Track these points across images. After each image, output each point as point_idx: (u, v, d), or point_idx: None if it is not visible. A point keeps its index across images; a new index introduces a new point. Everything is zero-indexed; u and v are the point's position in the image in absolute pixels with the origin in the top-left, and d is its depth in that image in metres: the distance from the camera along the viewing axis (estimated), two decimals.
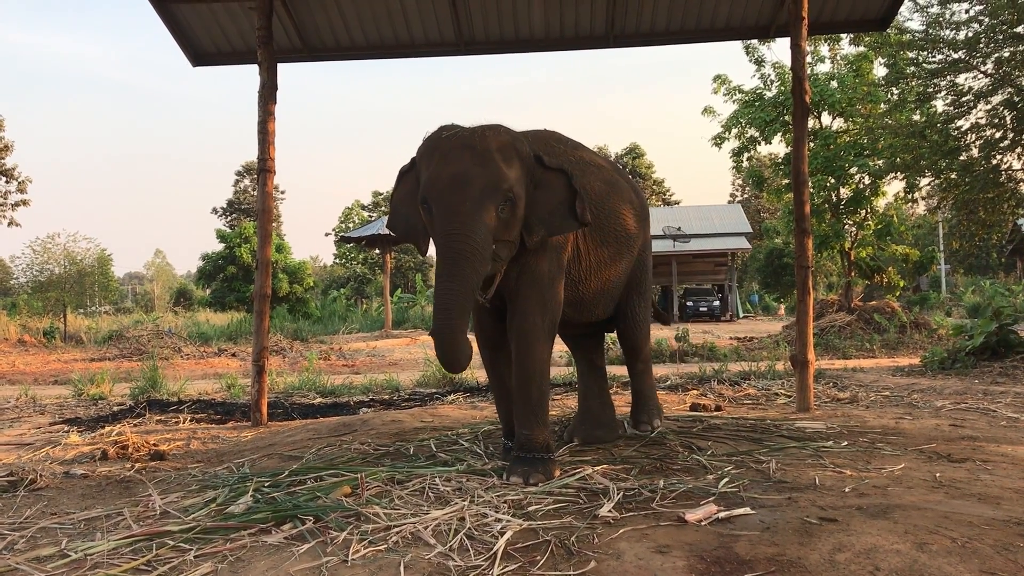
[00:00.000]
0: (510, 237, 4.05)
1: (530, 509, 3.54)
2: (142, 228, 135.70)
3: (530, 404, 4.25)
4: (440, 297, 3.79)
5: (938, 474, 4.07)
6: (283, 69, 7.66)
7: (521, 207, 4.06)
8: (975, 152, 12.73)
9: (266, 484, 4.12)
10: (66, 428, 6.94)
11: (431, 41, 8.21)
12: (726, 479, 3.97)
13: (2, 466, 5.08)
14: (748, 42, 17.95)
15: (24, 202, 33.48)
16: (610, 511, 3.45)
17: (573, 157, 4.82)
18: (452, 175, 3.88)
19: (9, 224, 32.77)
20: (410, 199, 4.28)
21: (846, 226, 18.24)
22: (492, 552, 2.95)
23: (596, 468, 4.28)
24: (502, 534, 3.14)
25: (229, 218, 54.46)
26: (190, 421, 7.30)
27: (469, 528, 3.23)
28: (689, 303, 32.79)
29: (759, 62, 18.35)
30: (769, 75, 18.40)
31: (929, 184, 14.63)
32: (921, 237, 32.56)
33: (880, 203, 18.26)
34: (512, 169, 4.01)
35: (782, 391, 8.19)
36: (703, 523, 3.24)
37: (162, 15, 7.75)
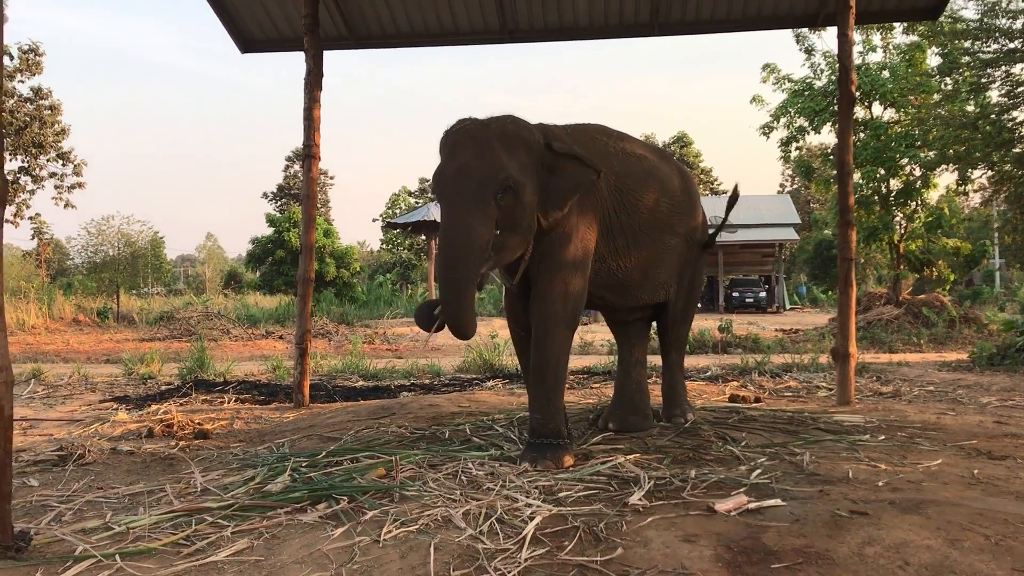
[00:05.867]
0: (520, 225, 4.12)
1: (560, 495, 3.57)
2: (194, 212, 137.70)
3: (544, 390, 4.31)
4: (444, 288, 3.96)
5: (976, 470, 4.01)
6: (331, 54, 7.76)
7: (527, 194, 4.11)
8: None
9: (304, 464, 4.21)
10: (115, 406, 7.14)
11: (475, 29, 8.24)
12: (758, 470, 3.96)
13: (53, 441, 5.28)
14: (798, 31, 17.73)
15: (80, 184, 33.99)
16: (640, 499, 3.46)
17: (615, 148, 4.90)
18: (456, 169, 4.05)
19: (65, 206, 33.24)
20: None
21: (896, 218, 17.94)
22: (521, 536, 2.99)
23: (628, 456, 4.30)
24: (532, 519, 3.18)
25: (279, 203, 54.87)
26: (234, 401, 7.46)
27: (500, 512, 3.27)
28: (735, 294, 32.38)
29: (809, 51, 18.14)
30: (819, 64, 18.16)
31: (982, 176, 14.33)
32: (974, 231, 31.75)
33: (931, 195, 17.92)
34: (514, 158, 4.09)
35: (824, 384, 8.11)
36: (732, 513, 3.24)
37: (211, 2, 7.89)
